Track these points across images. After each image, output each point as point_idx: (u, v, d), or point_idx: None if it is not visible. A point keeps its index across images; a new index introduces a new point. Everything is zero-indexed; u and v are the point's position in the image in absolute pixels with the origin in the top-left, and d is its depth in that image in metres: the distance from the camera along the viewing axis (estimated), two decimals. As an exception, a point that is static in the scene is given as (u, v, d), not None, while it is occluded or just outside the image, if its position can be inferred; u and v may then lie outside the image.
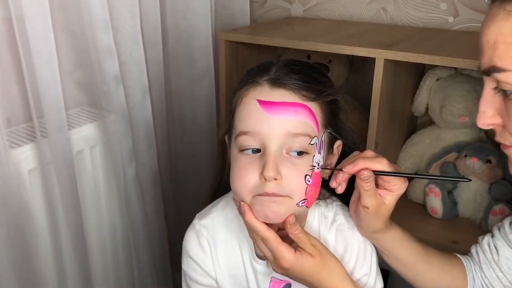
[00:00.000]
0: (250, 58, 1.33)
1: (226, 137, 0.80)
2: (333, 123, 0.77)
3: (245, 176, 0.71)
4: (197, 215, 0.86)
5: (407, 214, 1.21)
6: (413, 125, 1.39)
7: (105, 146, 1.18)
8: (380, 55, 1.03)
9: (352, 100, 1.45)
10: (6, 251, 0.98)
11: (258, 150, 0.71)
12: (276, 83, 0.71)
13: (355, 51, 1.06)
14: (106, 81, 1.12)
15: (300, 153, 0.71)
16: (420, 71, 1.31)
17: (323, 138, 0.74)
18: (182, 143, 1.45)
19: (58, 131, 1.03)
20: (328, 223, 0.83)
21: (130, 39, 1.17)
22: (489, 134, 1.31)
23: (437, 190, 1.16)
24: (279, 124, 0.69)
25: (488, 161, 1.14)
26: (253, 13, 1.57)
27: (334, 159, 0.79)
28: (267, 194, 0.70)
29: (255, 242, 0.76)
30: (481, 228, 1.14)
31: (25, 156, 1.01)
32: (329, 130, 0.76)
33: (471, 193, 1.16)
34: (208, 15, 1.37)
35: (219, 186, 0.88)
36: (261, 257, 0.81)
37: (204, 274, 0.83)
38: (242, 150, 0.71)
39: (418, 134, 1.31)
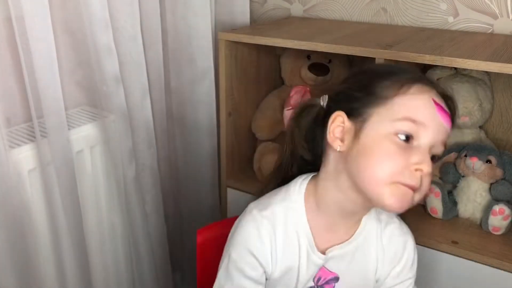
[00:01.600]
0: (250, 58, 1.33)
1: (338, 113, 0.77)
2: None
3: (395, 160, 0.72)
4: (254, 205, 0.83)
5: (407, 214, 1.20)
6: (413, 125, 1.38)
7: (105, 146, 1.18)
8: (380, 55, 1.03)
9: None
10: (6, 251, 0.98)
11: (409, 139, 0.73)
12: (443, 96, 0.77)
13: (355, 51, 1.06)
14: (106, 81, 1.12)
15: (433, 158, 0.75)
16: (420, 71, 1.31)
17: None
18: (182, 143, 1.45)
19: (58, 131, 1.03)
20: (383, 224, 0.85)
21: (130, 39, 1.17)
22: (489, 134, 1.31)
23: (437, 190, 1.16)
24: (442, 128, 0.75)
25: (488, 161, 1.14)
26: (253, 13, 1.57)
27: None
28: (412, 187, 0.73)
29: None
30: (481, 228, 1.14)
31: (25, 156, 1.01)
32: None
33: (471, 193, 1.16)
34: (208, 15, 1.37)
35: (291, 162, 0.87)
36: (321, 249, 0.82)
37: (258, 267, 0.81)
38: (396, 134, 0.73)
39: (418, 134, 1.30)
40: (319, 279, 0.83)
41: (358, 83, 0.79)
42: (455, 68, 1.26)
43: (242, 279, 0.80)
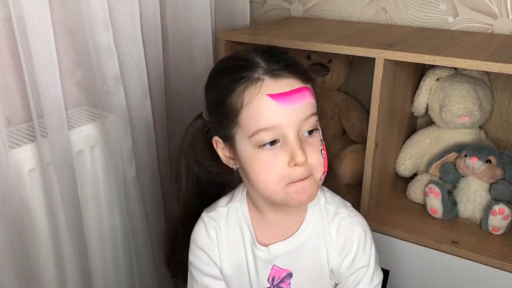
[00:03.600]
0: (250, 58, 1.33)
1: (216, 139, 0.81)
2: (316, 94, 0.81)
3: (274, 169, 0.74)
4: (204, 210, 0.90)
5: (407, 214, 1.21)
6: (413, 125, 1.39)
7: (105, 146, 1.18)
8: (380, 55, 1.03)
9: (352, 100, 1.45)
10: (6, 251, 0.98)
11: (274, 141, 0.73)
12: (276, 74, 0.74)
13: (355, 51, 1.06)
14: (106, 81, 1.12)
15: (310, 132, 0.75)
16: (420, 71, 1.31)
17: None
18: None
19: (58, 131, 1.03)
20: (330, 216, 0.85)
21: (130, 39, 1.17)
22: (489, 134, 1.31)
23: (437, 190, 1.16)
24: (294, 112, 0.73)
25: (488, 161, 1.14)
26: (253, 13, 1.57)
27: None
28: (301, 180, 0.74)
29: None
30: (481, 228, 1.14)
31: (25, 156, 1.01)
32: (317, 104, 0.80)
33: (471, 193, 1.16)
34: (208, 15, 1.37)
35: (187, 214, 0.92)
36: (263, 243, 0.84)
37: (211, 263, 0.87)
38: (260, 146, 0.74)
39: (418, 134, 1.31)
40: (273, 278, 0.86)
41: (213, 101, 0.80)
42: (455, 68, 1.26)
43: (203, 277, 0.88)
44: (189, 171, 0.89)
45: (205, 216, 0.88)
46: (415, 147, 1.29)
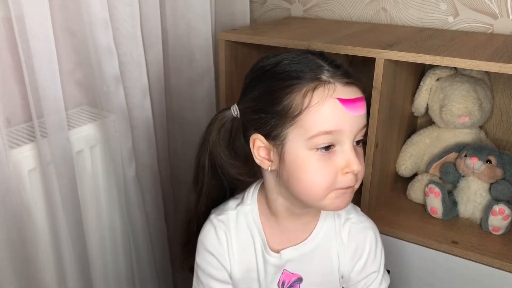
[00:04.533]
0: (250, 58, 1.33)
1: (256, 137, 0.77)
2: None
3: (326, 173, 0.73)
4: (213, 211, 0.88)
5: (407, 214, 1.21)
6: (413, 125, 1.39)
7: (105, 146, 1.18)
8: (380, 55, 1.03)
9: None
10: (6, 251, 0.98)
11: (329, 146, 0.73)
12: (344, 80, 0.73)
13: (355, 51, 1.06)
14: (106, 81, 1.12)
15: (358, 142, 0.75)
16: (420, 71, 1.31)
17: None
18: (182, 143, 1.45)
19: (58, 131, 1.03)
20: (341, 220, 0.85)
21: (130, 39, 1.17)
22: (489, 134, 1.31)
23: (437, 190, 1.16)
24: (357, 120, 0.73)
25: (488, 161, 1.14)
26: (253, 13, 1.57)
27: None
28: (349, 187, 0.74)
29: None
30: (481, 228, 1.14)
31: (25, 156, 1.01)
32: None
33: (471, 193, 1.16)
34: (208, 15, 1.37)
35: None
36: (274, 249, 0.83)
37: (220, 267, 0.85)
38: (316, 149, 0.72)
39: (418, 134, 1.31)
40: (283, 283, 0.86)
41: (264, 100, 0.75)
42: (455, 68, 1.26)
43: (211, 281, 0.86)
44: (213, 166, 0.86)
45: (214, 218, 0.86)
46: (415, 147, 1.29)
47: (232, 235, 0.85)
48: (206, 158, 0.85)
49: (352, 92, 0.73)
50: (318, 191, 0.74)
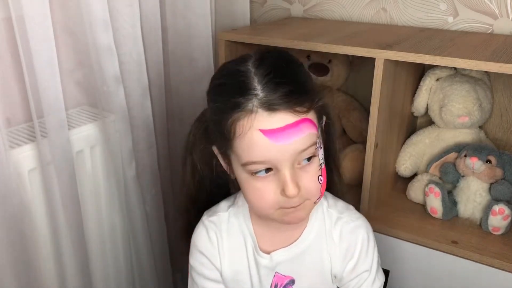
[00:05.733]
0: (250, 58, 1.33)
1: (215, 149, 0.80)
2: (322, 110, 0.77)
3: (265, 196, 0.73)
4: (205, 213, 0.88)
5: (407, 214, 1.21)
6: (413, 125, 1.39)
7: (105, 146, 1.18)
8: (380, 55, 1.03)
9: (352, 100, 1.45)
10: (6, 251, 0.98)
11: (270, 169, 0.72)
12: (271, 108, 0.68)
13: (355, 51, 1.06)
14: (106, 81, 1.12)
15: (308, 159, 0.73)
16: (420, 71, 1.31)
17: (320, 133, 0.76)
18: (182, 143, 1.45)
19: (58, 131, 1.03)
20: (333, 220, 0.85)
21: (130, 39, 1.17)
22: (489, 134, 1.31)
23: (437, 190, 1.16)
24: (289, 148, 0.69)
25: (488, 161, 1.14)
26: (253, 13, 1.57)
27: (323, 136, 0.80)
28: (292, 207, 0.73)
29: None
30: (481, 228, 1.14)
31: (25, 156, 1.01)
32: (322, 120, 0.78)
33: (471, 193, 1.16)
34: (208, 15, 1.37)
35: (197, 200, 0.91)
36: (265, 251, 0.83)
37: (212, 267, 0.86)
38: (253, 174, 0.72)
39: (418, 134, 1.31)
40: (276, 285, 0.86)
41: (212, 119, 0.76)
42: (455, 68, 1.26)
43: (204, 281, 0.87)
44: (195, 167, 0.88)
45: (206, 220, 0.87)
46: (415, 147, 1.29)
47: (223, 236, 0.85)
48: (186, 159, 0.88)
49: (280, 120, 0.68)
50: (262, 210, 0.75)
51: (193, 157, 0.88)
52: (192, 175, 0.89)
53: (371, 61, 1.05)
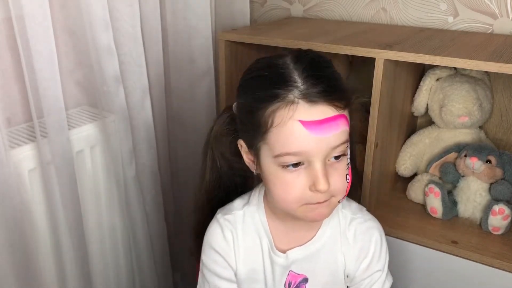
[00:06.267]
0: (250, 58, 1.33)
1: (241, 143, 0.80)
2: (352, 112, 0.78)
3: (293, 190, 0.73)
4: (219, 210, 0.88)
5: (407, 214, 1.21)
6: (413, 125, 1.39)
7: (105, 146, 1.18)
8: (380, 55, 1.03)
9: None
10: (6, 251, 0.98)
11: (298, 164, 0.72)
12: (312, 100, 0.70)
13: (355, 51, 1.06)
14: (106, 81, 1.12)
15: (337, 157, 0.74)
16: (420, 71, 1.31)
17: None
18: (182, 143, 1.45)
19: (58, 131, 1.03)
20: (347, 220, 0.85)
21: (130, 39, 1.17)
22: (489, 134, 1.31)
23: (437, 190, 1.16)
24: (324, 141, 0.71)
25: (488, 161, 1.14)
26: (253, 13, 1.57)
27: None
28: (318, 203, 0.74)
29: None
30: (481, 228, 1.14)
31: (25, 156, 1.01)
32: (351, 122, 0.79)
33: (471, 193, 1.16)
34: (208, 15, 1.37)
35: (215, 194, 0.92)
36: (281, 249, 0.84)
37: (226, 266, 0.86)
38: (284, 166, 0.72)
39: (418, 134, 1.31)
40: (290, 284, 0.86)
41: (244, 111, 0.77)
42: (455, 68, 1.26)
43: (217, 279, 0.86)
44: (214, 163, 0.88)
45: (221, 218, 0.86)
46: (415, 147, 1.29)
47: (238, 235, 0.85)
48: (207, 153, 0.88)
49: (321, 113, 0.70)
50: (287, 204, 0.75)
51: (213, 152, 0.87)
52: (211, 170, 0.89)
53: (371, 61, 1.05)
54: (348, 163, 0.76)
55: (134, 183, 1.24)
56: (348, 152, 0.77)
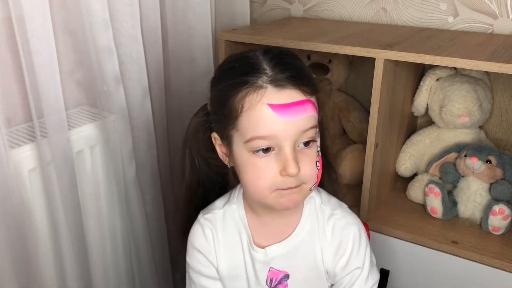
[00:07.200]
0: (250, 58, 1.33)
1: (214, 135, 0.82)
2: (319, 103, 0.80)
3: (264, 175, 0.75)
4: (201, 212, 0.90)
5: (407, 214, 1.21)
6: (413, 125, 1.39)
7: (105, 146, 1.18)
8: (380, 55, 1.03)
9: (352, 100, 1.45)
10: (6, 251, 0.98)
11: (269, 149, 0.74)
12: (280, 84, 0.73)
13: (355, 51, 1.06)
14: (106, 81, 1.12)
15: (307, 143, 0.76)
16: (420, 71, 1.31)
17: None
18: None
19: (58, 131, 1.03)
20: (325, 216, 0.86)
21: (130, 39, 1.17)
22: (489, 134, 1.31)
23: (437, 190, 1.16)
24: (293, 125, 0.73)
25: (488, 161, 1.14)
26: (253, 13, 1.57)
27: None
28: (289, 188, 0.75)
29: None
30: (481, 228, 1.14)
31: (25, 156, 1.01)
32: (319, 113, 0.80)
33: (471, 193, 1.16)
34: (208, 15, 1.37)
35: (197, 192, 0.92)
36: (260, 245, 0.85)
37: (208, 264, 0.88)
38: (254, 152, 0.74)
39: (418, 134, 1.31)
40: (271, 280, 0.87)
41: (216, 102, 0.80)
42: (455, 68, 1.26)
43: (201, 278, 0.88)
44: (193, 161, 0.90)
45: (201, 218, 0.89)
46: (415, 147, 1.29)
47: (218, 232, 0.87)
48: (186, 153, 0.90)
49: (288, 96, 0.73)
50: (258, 191, 0.76)
51: (191, 150, 0.89)
52: (190, 168, 0.90)
53: (371, 61, 1.05)
54: (318, 151, 0.78)
55: (134, 183, 1.24)
56: (318, 140, 0.79)
